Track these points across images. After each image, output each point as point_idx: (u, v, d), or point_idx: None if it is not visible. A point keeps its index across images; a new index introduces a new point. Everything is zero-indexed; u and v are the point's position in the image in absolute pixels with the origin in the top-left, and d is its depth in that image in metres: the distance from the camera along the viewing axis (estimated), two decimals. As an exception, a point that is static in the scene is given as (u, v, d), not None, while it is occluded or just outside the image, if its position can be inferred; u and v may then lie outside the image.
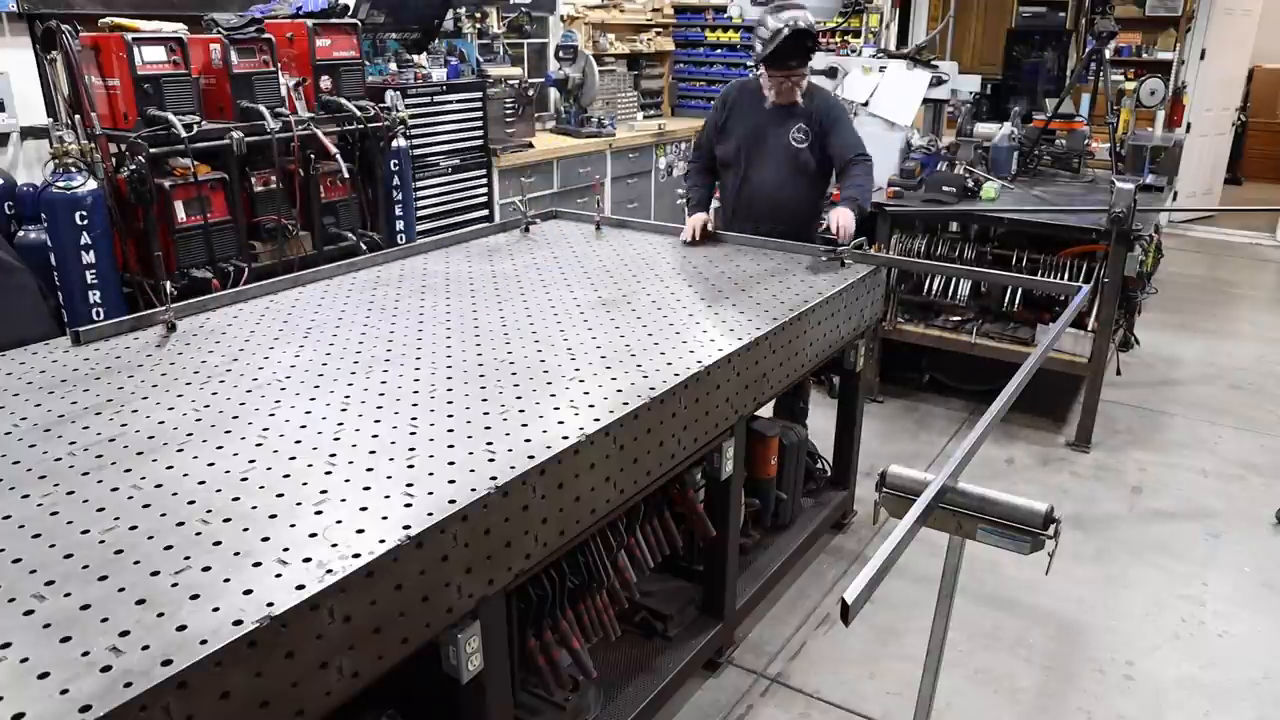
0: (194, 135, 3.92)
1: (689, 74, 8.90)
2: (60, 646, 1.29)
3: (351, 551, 1.52)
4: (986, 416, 1.99)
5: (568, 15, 7.49)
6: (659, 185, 7.63)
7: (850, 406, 3.69)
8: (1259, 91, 11.08)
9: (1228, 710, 2.83)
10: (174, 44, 3.97)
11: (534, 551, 1.89)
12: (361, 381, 2.25)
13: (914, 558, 3.55)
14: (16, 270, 3.69)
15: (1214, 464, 4.39)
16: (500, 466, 1.82)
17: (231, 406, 2.10)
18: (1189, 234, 9.13)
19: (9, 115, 4.26)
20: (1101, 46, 5.15)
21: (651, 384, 2.25)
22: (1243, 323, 6.53)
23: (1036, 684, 2.93)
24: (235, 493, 1.71)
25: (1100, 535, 3.76)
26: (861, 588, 1.43)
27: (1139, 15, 8.52)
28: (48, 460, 1.83)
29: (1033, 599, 3.33)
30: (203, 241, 4.07)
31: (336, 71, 4.62)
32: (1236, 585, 3.45)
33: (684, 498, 2.69)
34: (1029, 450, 4.49)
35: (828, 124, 3.68)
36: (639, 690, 2.62)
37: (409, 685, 1.87)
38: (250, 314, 2.77)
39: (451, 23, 6.03)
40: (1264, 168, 11.36)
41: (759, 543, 3.36)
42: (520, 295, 2.95)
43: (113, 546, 1.53)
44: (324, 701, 1.46)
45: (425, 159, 5.49)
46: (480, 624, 1.79)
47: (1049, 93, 6.47)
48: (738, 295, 3.00)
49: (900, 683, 2.91)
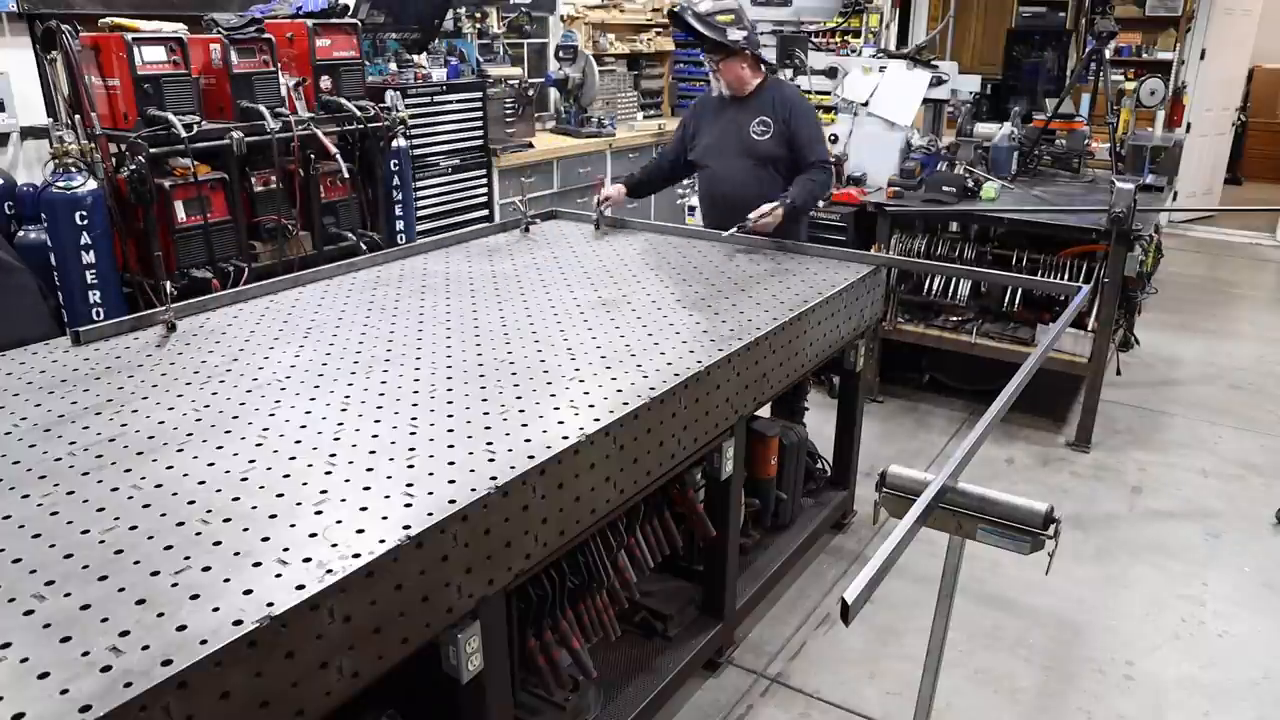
0: (194, 135, 3.91)
1: (689, 74, 8.89)
2: (60, 646, 1.29)
3: (351, 551, 1.52)
4: (986, 416, 1.99)
5: (568, 15, 7.49)
6: (659, 185, 7.61)
7: (850, 406, 3.69)
8: (1259, 91, 11.07)
9: (1228, 710, 2.83)
10: (174, 44, 3.97)
11: (534, 551, 1.89)
12: (361, 381, 2.24)
13: (914, 558, 3.55)
14: (16, 270, 3.69)
15: (1214, 464, 4.39)
16: (500, 466, 1.82)
17: (231, 406, 2.10)
18: (1189, 234, 9.13)
19: (9, 115, 4.26)
20: (1101, 46, 5.15)
21: (651, 384, 2.25)
22: (1243, 323, 6.53)
23: (1036, 684, 2.93)
24: (235, 493, 1.71)
25: (1100, 535, 3.76)
26: (861, 588, 1.43)
27: (1139, 15, 8.52)
28: (48, 460, 1.83)
29: (1033, 599, 3.33)
30: (203, 241, 4.07)
31: (336, 71, 4.61)
32: (1236, 585, 3.45)
33: (684, 498, 2.69)
34: (1029, 450, 4.49)
35: (791, 119, 3.65)
36: (639, 690, 2.62)
37: (409, 685, 1.87)
38: (250, 314, 2.77)
39: (451, 23, 6.04)
40: (1264, 168, 11.36)
41: (759, 543, 3.36)
42: (520, 295, 2.95)
43: (113, 546, 1.53)
44: (324, 701, 1.46)
45: (425, 159, 5.49)
46: (480, 624, 1.79)
47: (1049, 93, 6.47)
48: (738, 295, 3.00)
49: (900, 683, 2.91)
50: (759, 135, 3.66)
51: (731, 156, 3.73)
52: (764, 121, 3.66)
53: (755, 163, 3.69)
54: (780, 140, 3.66)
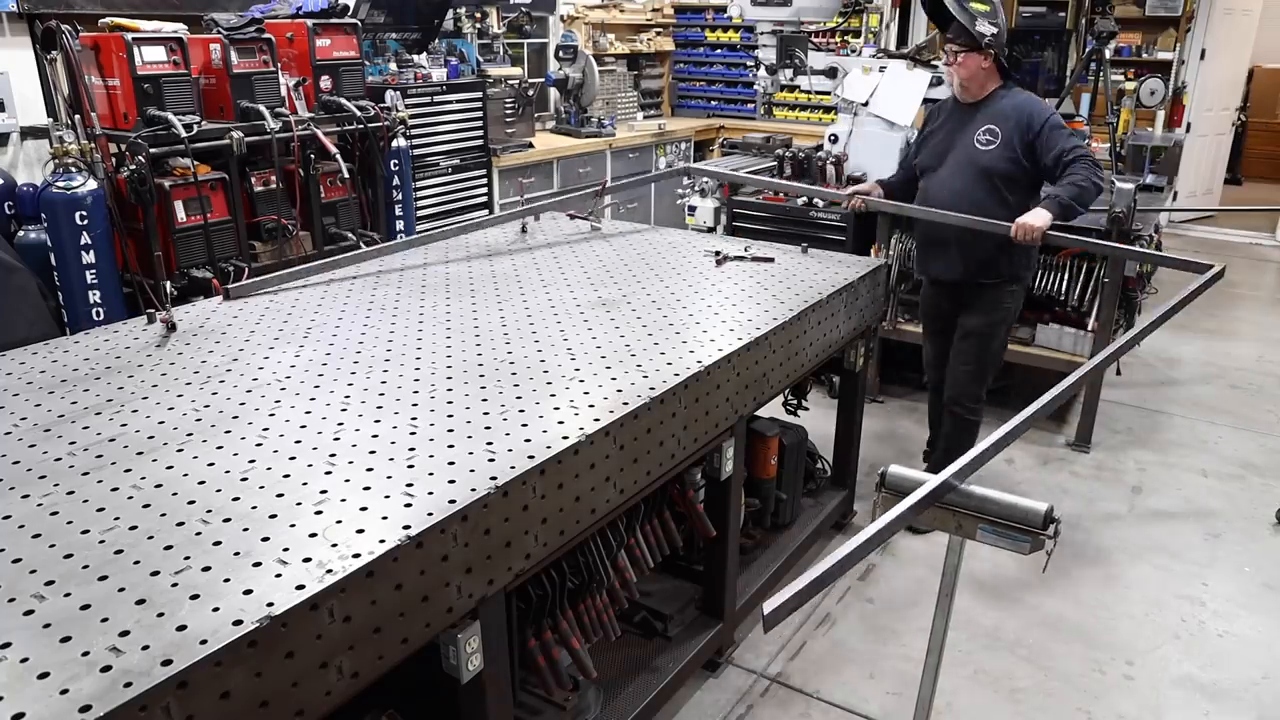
0: (194, 135, 3.92)
1: (689, 74, 8.90)
2: (60, 646, 1.29)
3: (351, 551, 1.52)
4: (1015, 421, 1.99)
5: (568, 15, 7.50)
6: (659, 185, 7.62)
7: (850, 406, 3.69)
8: (1259, 91, 11.08)
9: (1228, 710, 2.83)
10: (174, 44, 3.98)
11: (534, 551, 1.89)
12: (361, 381, 2.24)
13: (913, 557, 3.57)
14: (16, 270, 3.69)
15: (1214, 464, 4.39)
16: (500, 466, 1.82)
17: (231, 406, 2.10)
18: (1189, 234, 9.13)
19: (9, 115, 4.26)
20: (1101, 46, 5.15)
21: (651, 384, 2.25)
22: (1243, 323, 6.53)
23: (1036, 684, 2.93)
24: (235, 493, 1.71)
25: (1100, 535, 3.76)
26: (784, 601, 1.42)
27: (1139, 15, 8.51)
28: (48, 460, 1.83)
29: (1033, 599, 3.33)
30: (203, 241, 4.07)
31: (336, 71, 4.62)
32: (1236, 585, 3.45)
33: (684, 498, 2.69)
34: (1029, 450, 4.48)
35: (1029, 129, 3.25)
36: (639, 690, 2.61)
37: (409, 685, 1.87)
38: (250, 314, 2.77)
39: (451, 23, 6.04)
40: (1264, 168, 11.36)
41: (759, 543, 3.36)
42: (520, 295, 2.95)
43: (113, 546, 1.53)
44: (324, 701, 1.46)
45: (425, 159, 5.49)
46: (480, 624, 1.79)
47: (1049, 93, 6.46)
48: (738, 295, 3.00)
49: (900, 683, 2.91)
50: (984, 145, 3.33)
51: (951, 166, 3.42)
52: (991, 131, 3.32)
53: (977, 175, 3.35)
54: (1009, 154, 3.30)
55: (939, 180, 3.48)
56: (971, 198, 3.37)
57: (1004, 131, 3.30)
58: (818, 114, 8.04)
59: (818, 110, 8.04)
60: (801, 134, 6.70)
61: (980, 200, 3.36)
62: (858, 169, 4.99)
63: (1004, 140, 3.30)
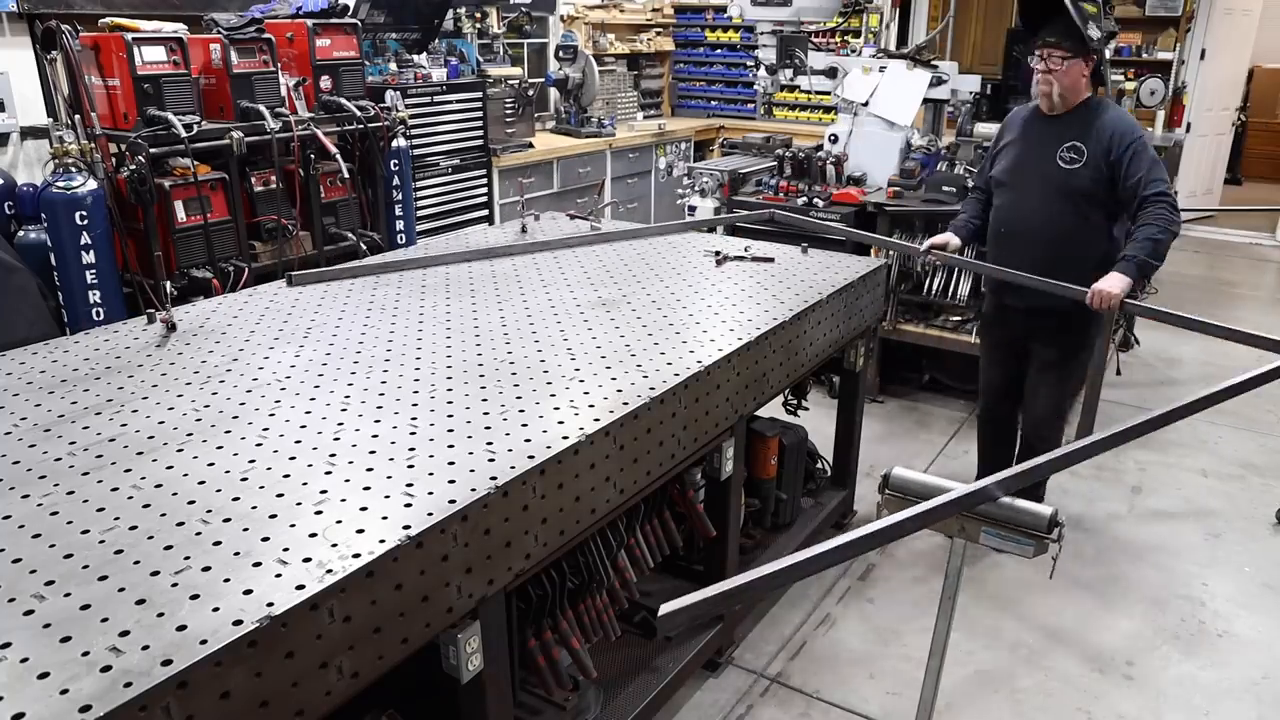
0: (194, 135, 3.92)
1: (689, 74, 8.91)
2: (60, 646, 1.29)
3: (351, 551, 1.52)
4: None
5: (568, 15, 7.50)
6: (659, 185, 7.63)
7: (850, 406, 3.69)
8: (1259, 91, 11.08)
9: (1228, 710, 2.83)
10: (174, 44, 3.98)
11: (534, 551, 1.89)
12: (361, 381, 2.24)
13: (913, 557, 3.57)
14: (16, 270, 3.69)
15: (1214, 464, 4.39)
16: (500, 466, 1.82)
17: (231, 406, 2.09)
18: (1189, 234, 9.12)
19: (9, 115, 4.26)
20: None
21: (651, 384, 2.25)
22: (1243, 323, 6.48)
23: (1036, 684, 2.93)
24: (235, 493, 1.71)
25: (1100, 535, 3.76)
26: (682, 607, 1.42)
27: (1139, 15, 8.51)
28: (48, 460, 1.83)
29: (1033, 599, 3.33)
30: (203, 241, 4.07)
31: (336, 71, 4.62)
32: (1236, 585, 3.45)
33: (684, 498, 2.69)
34: (1029, 450, 4.48)
35: (1116, 149, 3.02)
36: (639, 690, 2.61)
37: (409, 685, 1.87)
38: (250, 314, 2.77)
39: (451, 23, 6.04)
40: (1264, 168, 11.36)
41: (759, 543, 3.36)
42: (520, 295, 2.95)
43: (113, 546, 1.53)
44: (324, 701, 1.46)
45: (425, 159, 5.49)
46: (480, 624, 1.79)
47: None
48: (738, 295, 3.00)
49: (900, 683, 2.91)
50: (1068, 164, 3.08)
51: (1030, 185, 3.19)
52: (1076, 148, 3.08)
53: (1058, 195, 3.12)
54: (1095, 173, 3.07)
55: (1016, 199, 3.26)
56: (1052, 217, 3.16)
57: (1089, 150, 3.07)
58: (818, 114, 8.05)
59: (818, 110, 8.04)
60: (801, 134, 6.69)
61: (1062, 221, 3.15)
62: (858, 169, 5.00)
63: (1089, 160, 3.07)
